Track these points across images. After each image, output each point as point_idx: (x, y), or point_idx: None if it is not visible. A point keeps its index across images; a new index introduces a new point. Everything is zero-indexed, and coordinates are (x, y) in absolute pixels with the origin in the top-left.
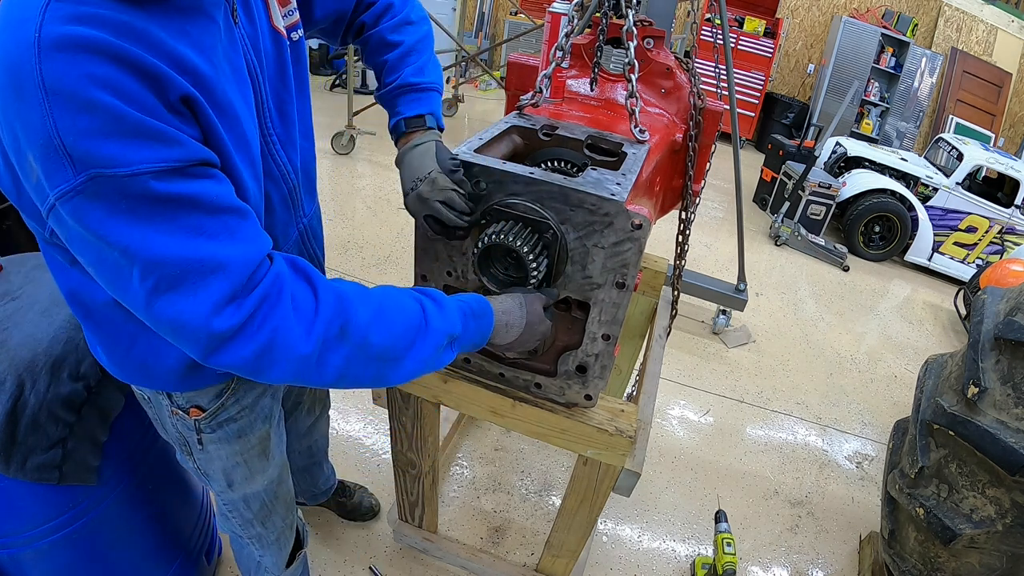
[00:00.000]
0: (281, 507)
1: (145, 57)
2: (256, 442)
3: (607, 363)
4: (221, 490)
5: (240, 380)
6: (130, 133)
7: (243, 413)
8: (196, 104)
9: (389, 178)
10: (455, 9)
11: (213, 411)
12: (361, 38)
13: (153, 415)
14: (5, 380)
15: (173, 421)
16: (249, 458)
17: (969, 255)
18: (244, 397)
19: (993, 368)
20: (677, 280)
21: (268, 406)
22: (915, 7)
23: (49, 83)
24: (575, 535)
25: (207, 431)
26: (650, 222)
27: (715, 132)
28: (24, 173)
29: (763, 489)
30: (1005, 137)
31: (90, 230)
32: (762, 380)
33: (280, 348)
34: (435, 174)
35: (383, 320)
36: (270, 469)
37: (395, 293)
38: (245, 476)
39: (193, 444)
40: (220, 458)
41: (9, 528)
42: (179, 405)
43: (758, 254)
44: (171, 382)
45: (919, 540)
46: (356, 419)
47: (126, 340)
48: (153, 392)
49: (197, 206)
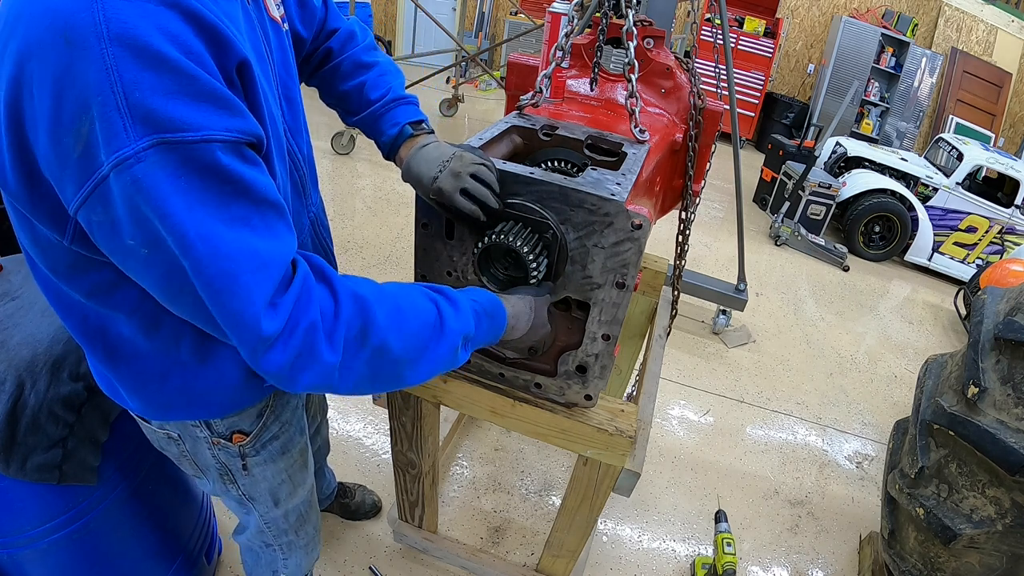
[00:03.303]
0: (314, 514)
1: (214, 17)
2: (298, 455)
3: (607, 363)
4: (266, 510)
5: (277, 395)
6: (201, 96)
7: (284, 429)
8: (248, 74)
9: (389, 178)
10: (455, 9)
11: (257, 432)
12: (330, 65)
13: (178, 453)
14: (5, 380)
15: (214, 452)
16: (293, 472)
17: (969, 255)
18: (283, 412)
19: (993, 368)
20: (677, 280)
21: (301, 416)
22: (915, 7)
23: (115, 31)
24: (575, 535)
25: (252, 454)
26: (650, 222)
27: (715, 132)
28: (60, 151)
29: (763, 489)
30: (1005, 137)
31: (149, 206)
32: (762, 380)
33: (309, 354)
34: (461, 151)
35: (401, 321)
36: (309, 478)
37: (410, 292)
38: (289, 491)
39: (237, 471)
40: (266, 479)
41: (9, 528)
42: (220, 434)
43: (758, 254)
44: (215, 406)
45: (919, 540)
46: (356, 419)
47: (158, 371)
48: (185, 426)
49: (248, 194)
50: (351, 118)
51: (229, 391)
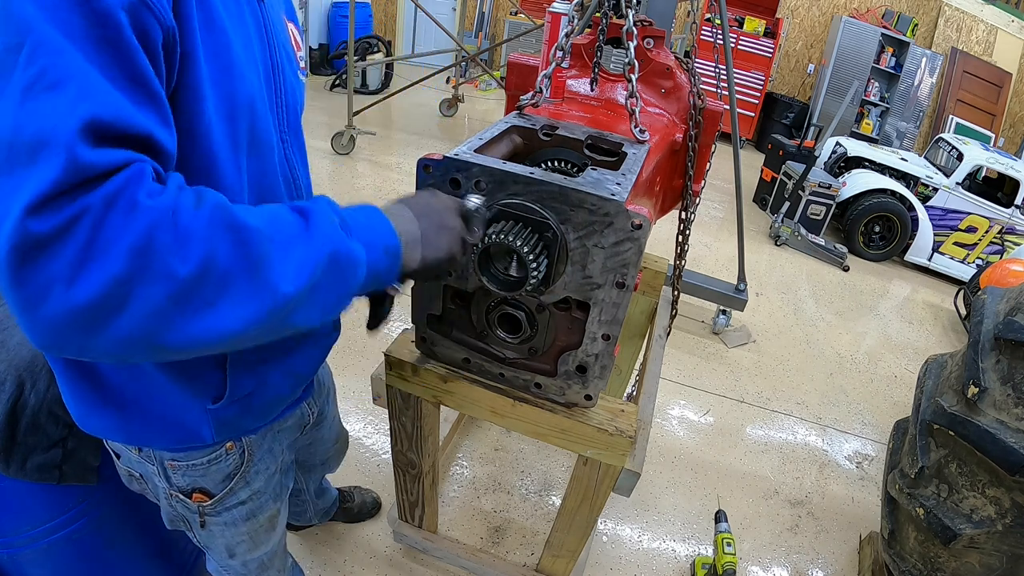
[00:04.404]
0: (278, 560)
1: None
2: (265, 521)
3: (607, 363)
4: (221, 559)
5: (250, 460)
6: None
7: (255, 497)
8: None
9: (389, 178)
10: (455, 9)
11: (221, 497)
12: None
13: (140, 489)
14: (5, 380)
15: (172, 503)
16: (256, 535)
17: (969, 255)
18: (255, 480)
19: (993, 368)
20: (677, 280)
21: (278, 483)
22: (915, 7)
23: None
24: (575, 535)
25: (212, 515)
26: (650, 222)
27: (715, 132)
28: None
29: (763, 489)
30: (1005, 137)
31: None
32: (762, 380)
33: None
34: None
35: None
36: (275, 537)
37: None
38: (248, 548)
39: (194, 524)
40: (224, 537)
41: (9, 528)
42: (179, 487)
43: (758, 254)
44: (154, 429)
45: (919, 540)
46: (356, 419)
47: (86, 366)
48: (145, 466)
49: (118, 49)
50: None
51: (160, 403)
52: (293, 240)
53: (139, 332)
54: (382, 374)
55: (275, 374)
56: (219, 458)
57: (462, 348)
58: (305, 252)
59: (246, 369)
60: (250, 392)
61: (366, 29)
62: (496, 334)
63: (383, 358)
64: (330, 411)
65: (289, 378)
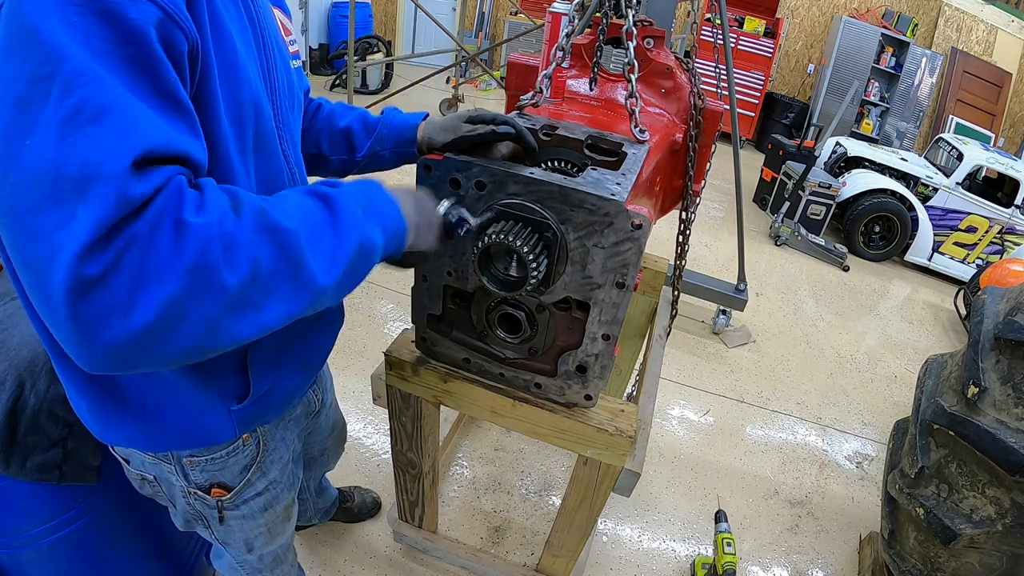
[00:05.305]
0: (291, 554)
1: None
2: (282, 511)
3: (607, 363)
4: (239, 555)
5: (264, 451)
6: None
7: (271, 487)
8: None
9: (389, 177)
10: (455, 9)
11: (239, 489)
12: (321, 115)
13: (152, 493)
14: (5, 380)
15: (189, 500)
16: (273, 526)
17: (969, 255)
18: (270, 469)
19: (993, 368)
20: (677, 280)
21: (291, 473)
22: (915, 7)
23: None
24: (575, 535)
25: (231, 508)
26: (650, 222)
27: (715, 132)
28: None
29: (763, 489)
30: (1005, 137)
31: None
32: (762, 380)
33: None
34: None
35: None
36: (290, 527)
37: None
38: (266, 541)
39: (212, 520)
40: (243, 531)
41: (9, 528)
42: (197, 484)
43: (758, 254)
44: (174, 433)
45: (919, 540)
46: (356, 419)
47: (105, 379)
48: (160, 468)
49: (148, 71)
50: (361, 150)
51: (184, 409)
52: (325, 235)
53: (193, 342)
54: (382, 374)
55: (292, 367)
56: (236, 450)
57: (462, 348)
58: (336, 245)
59: (266, 368)
60: (270, 388)
61: (366, 29)
62: (496, 334)
63: (383, 358)
64: (328, 399)
65: (305, 368)
